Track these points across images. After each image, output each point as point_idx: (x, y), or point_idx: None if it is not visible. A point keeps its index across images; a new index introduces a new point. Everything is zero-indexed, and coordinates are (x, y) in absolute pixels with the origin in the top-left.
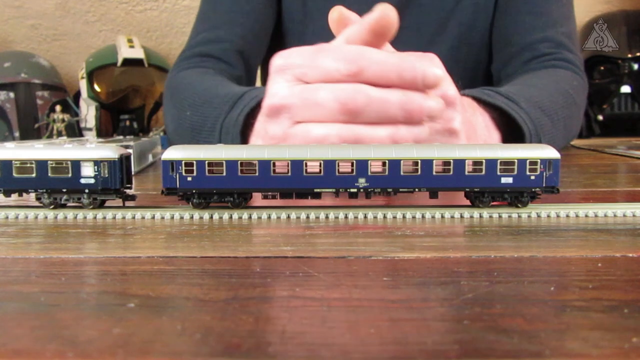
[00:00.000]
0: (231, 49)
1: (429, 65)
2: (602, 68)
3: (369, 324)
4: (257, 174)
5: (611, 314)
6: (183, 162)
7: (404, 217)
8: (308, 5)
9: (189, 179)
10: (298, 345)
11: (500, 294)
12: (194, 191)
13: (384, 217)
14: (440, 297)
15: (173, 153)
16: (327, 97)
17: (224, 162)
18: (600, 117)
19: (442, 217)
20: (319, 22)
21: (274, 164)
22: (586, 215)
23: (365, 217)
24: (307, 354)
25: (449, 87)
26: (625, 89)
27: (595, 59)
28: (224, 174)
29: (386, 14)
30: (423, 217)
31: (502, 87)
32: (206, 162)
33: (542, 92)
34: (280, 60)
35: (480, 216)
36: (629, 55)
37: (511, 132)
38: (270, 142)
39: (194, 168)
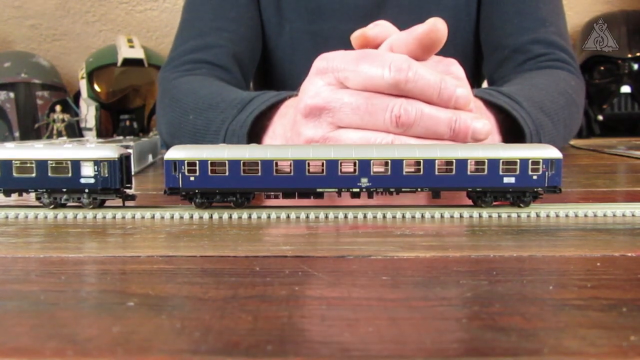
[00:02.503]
0: (223, 53)
1: (462, 85)
2: (602, 68)
3: (368, 322)
4: (259, 174)
5: (609, 313)
6: (186, 162)
7: (403, 217)
8: (282, 6)
9: (192, 178)
10: (297, 343)
11: (500, 293)
12: (196, 191)
13: (384, 217)
14: (440, 296)
15: (176, 153)
16: (380, 106)
17: (227, 162)
18: (600, 117)
19: (442, 217)
20: (294, 24)
21: (276, 163)
22: (586, 215)
23: (365, 217)
24: (306, 353)
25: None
26: (625, 89)
27: (595, 59)
28: (227, 173)
29: (437, 28)
30: (423, 217)
31: (503, 87)
32: (209, 162)
33: (543, 93)
34: (322, 62)
35: (480, 216)
36: (629, 55)
37: (511, 131)
38: (301, 143)
39: (197, 168)
